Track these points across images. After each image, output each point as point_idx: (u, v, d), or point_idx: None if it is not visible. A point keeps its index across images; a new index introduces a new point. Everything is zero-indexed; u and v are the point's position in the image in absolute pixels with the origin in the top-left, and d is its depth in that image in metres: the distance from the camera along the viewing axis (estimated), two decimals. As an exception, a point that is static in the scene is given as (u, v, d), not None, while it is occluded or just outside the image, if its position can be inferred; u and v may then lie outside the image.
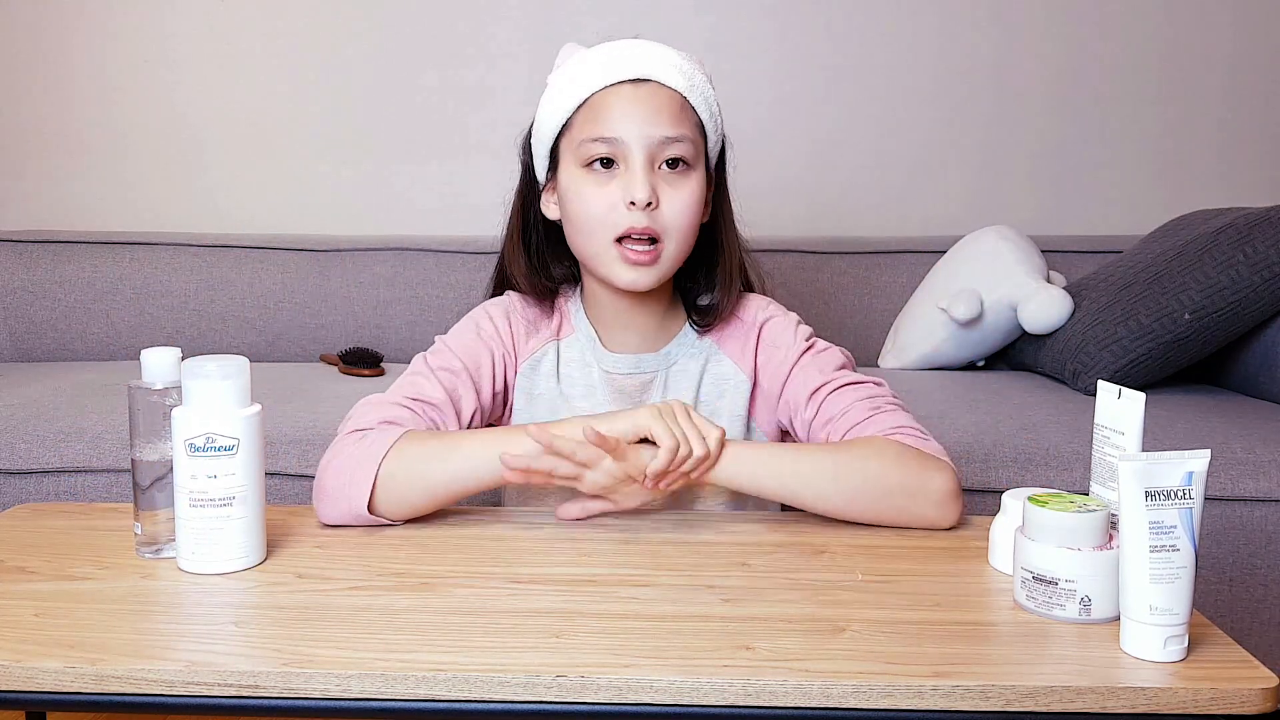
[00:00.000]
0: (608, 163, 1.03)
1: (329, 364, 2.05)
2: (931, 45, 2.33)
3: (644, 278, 1.04)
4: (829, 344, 1.12)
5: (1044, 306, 1.85)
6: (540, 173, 1.11)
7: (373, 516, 0.94)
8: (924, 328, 2.01)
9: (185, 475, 0.82)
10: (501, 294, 1.17)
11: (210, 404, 0.82)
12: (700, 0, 2.32)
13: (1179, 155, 2.34)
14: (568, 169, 1.06)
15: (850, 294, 2.15)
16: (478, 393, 1.07)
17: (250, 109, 2.37)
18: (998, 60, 2.33)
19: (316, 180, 2.39)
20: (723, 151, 1.13)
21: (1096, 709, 0.66)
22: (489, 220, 2.47)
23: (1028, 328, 1.88)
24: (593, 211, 1.03)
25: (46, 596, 0.79)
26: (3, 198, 2.39)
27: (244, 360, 0.84)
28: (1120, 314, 1.73)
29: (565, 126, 1.06)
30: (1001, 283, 1.92)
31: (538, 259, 1.13)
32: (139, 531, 0.88)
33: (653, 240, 1.02)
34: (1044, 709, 0.66)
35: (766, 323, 1.12)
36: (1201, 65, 2.32)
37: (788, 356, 1.09)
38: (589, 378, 1.11)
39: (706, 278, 1.12)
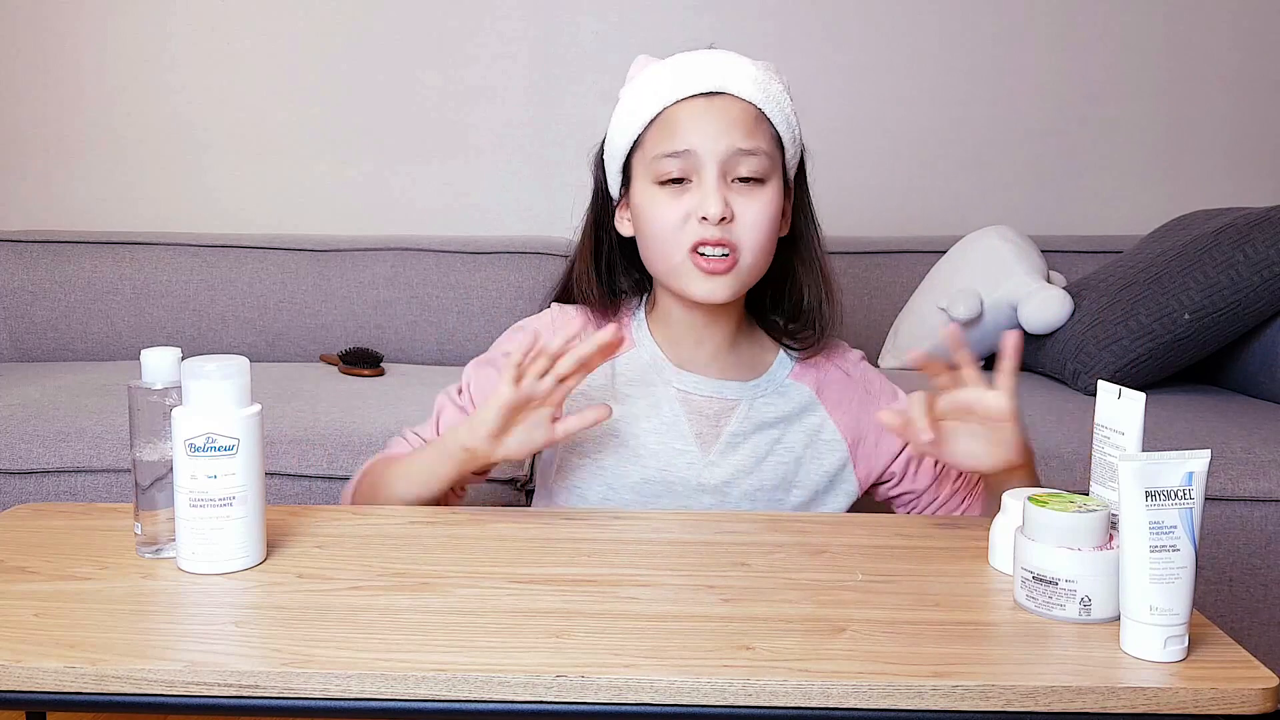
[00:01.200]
0: (680, 179, 1.01)
1: (329, 364, 2.05)
2: (932, 45, 2.33)
3: (720, 289, 1.01)
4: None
5: (1044, 306, 1.85)
6: (614, 189, 1.09)
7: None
8: (924, 328, 2.01)
9: (185, 475, 0.82)
10: (567, 299, 1.15)
11: (210, 404, 0.82)
12: (700, 0, 2.32)
13: (1179, 155, 2.34)
14: (641, 185, 1.04)
15: (850, 294, 2.15)
16: None
17: (250, 109, 2.38)
18: (998, 60, 2.33)
19: (316, 180, 2.39)
20: (803, 163, 1.11)
21: (1096, 709, 0.66)
22: (489, 220, 2.47)
23: (1028, 328, 1.88)
24: (667, 226, 1.01)
25: (46, 596, 0.79)
26: (3, 198, 2.39)
27: (244, 360, 0.84)
28: (1120, 314, 1.73)
29: (637, 142, 1.04)
30: (1001, 283, 1.92)
31: (608, 275, 1.11)
32: (139, 531, 0.88)
33: (727, 251, 1.01)
34: (1044, 709, 0.66)
35: (868, 379, 1.12)
36: (1202, 65, 2.32)
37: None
38: (654, 395, 1.08)
39: (791, 295, 1.10)
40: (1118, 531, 0.73)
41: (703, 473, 1.06)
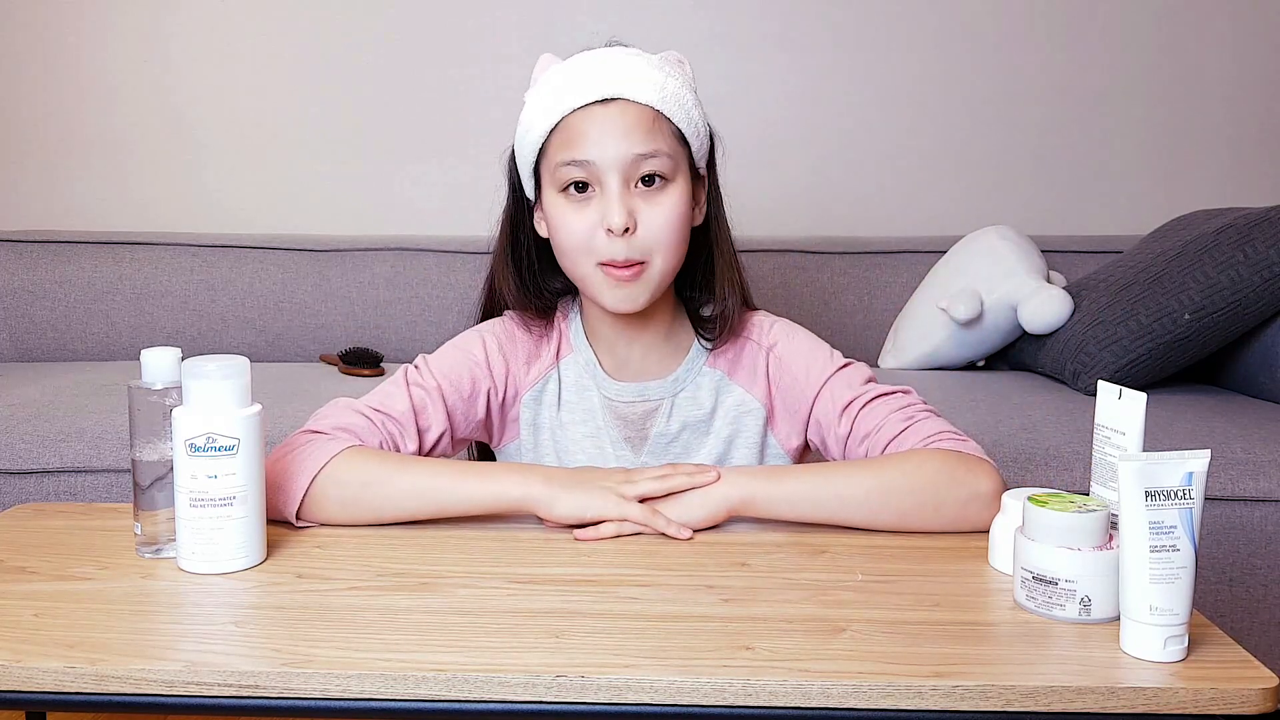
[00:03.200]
0: (583, 186, 1.01)
1: (329, 364, 2.05)
2: (932, 45, 2.33)
3: (629, 300, 1.02)
4: (848, 359, 1.10)
5: (1044, 306, 1.85)
6: (529, 190, 1.09)
7: (301, 522, 0.94)
8: (924, 328, 2.01)
9: (185, 475, 0.82)
10: (494, 311, 1.14)
11: (210, 404, 0.82)
12: (700, 0, 2.32)
13: (1179, 155, 2.34)
14: (548, 192, 1.04)
15: (850, 294, 2.15)
16: (449, 415, 1.05)
17: (250, 109, 2.38)
18: (998, 60, 2.33)
19: (316, 180, 2.39)
20: (713, 150, 1.09)
21: (1096, 709, 0.66)
22: (489, 220, 2.47)
23: (1028, 328, 1.88)
24: (574, 237, 1.01)
25: (46, 596, 0.79)
26: (3, 198, 2.39)
27: (244, 360, 0.84)
28: (1120, 314, 1.73)
29: (542, 149, 1.04)
30: (1001, 283, 1.92)
31: (529, 276, 1.11)
32: (139, 531, 0.88)
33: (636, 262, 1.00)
34: (1044, 709, 0.66)
35: (774, 345, 1.10)
36: (1201, 65, 2.32)
37: (811, 377, 1.07)
38: (588, 403, 1.09)
39: (705, 284, 1.10)
40: (1118, 531, 0.73)
41: None
